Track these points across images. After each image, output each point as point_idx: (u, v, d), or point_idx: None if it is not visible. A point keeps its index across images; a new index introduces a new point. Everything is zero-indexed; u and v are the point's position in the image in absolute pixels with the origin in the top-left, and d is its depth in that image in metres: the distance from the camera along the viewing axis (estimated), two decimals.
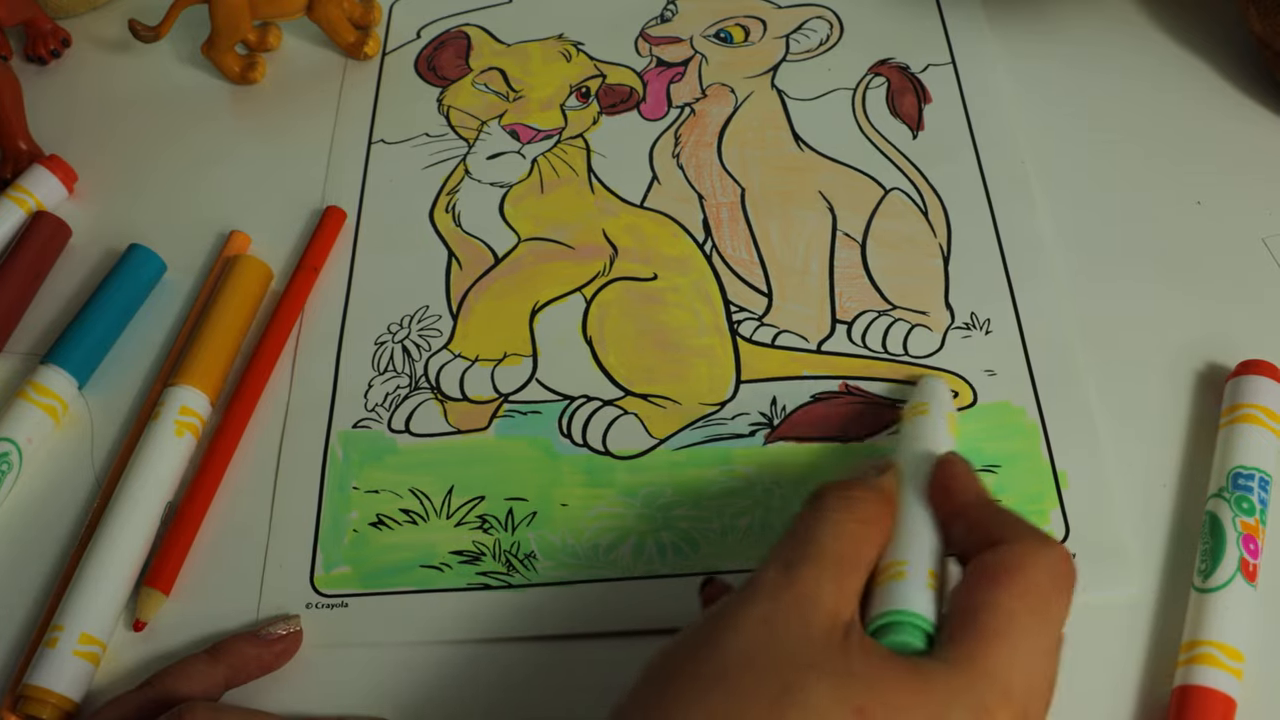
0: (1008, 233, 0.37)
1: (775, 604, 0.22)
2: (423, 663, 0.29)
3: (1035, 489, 0.31)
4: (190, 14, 0.42)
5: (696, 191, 0.39)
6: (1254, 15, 0.39)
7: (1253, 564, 0.28)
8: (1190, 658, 0.27)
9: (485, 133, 0.41)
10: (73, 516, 0.33)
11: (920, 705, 0.21)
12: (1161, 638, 0.28)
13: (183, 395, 0.34)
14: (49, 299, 0.38)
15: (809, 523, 0.24)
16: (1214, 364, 0.33)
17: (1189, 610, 0.28)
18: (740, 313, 0.36)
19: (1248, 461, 0.30)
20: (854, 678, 0.21)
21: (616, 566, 0.30)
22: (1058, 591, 0.23)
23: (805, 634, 0.22)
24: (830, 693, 0.21)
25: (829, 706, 0.21)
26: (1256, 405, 0.31)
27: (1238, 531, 0.29)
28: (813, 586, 0.23)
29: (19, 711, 0.28)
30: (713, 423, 0.33)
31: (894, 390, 0.33)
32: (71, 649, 0.29)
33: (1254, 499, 0.29)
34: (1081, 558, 0.30)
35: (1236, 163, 0.38)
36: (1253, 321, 0.34)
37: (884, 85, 0.41)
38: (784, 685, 0.21)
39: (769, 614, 0.22)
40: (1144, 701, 0.28)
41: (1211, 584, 0.28)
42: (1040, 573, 0.23)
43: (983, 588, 0.23)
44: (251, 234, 0.39)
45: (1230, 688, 0.27)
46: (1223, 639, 0.27)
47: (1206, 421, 0.32)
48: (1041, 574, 0.23)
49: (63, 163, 0.40)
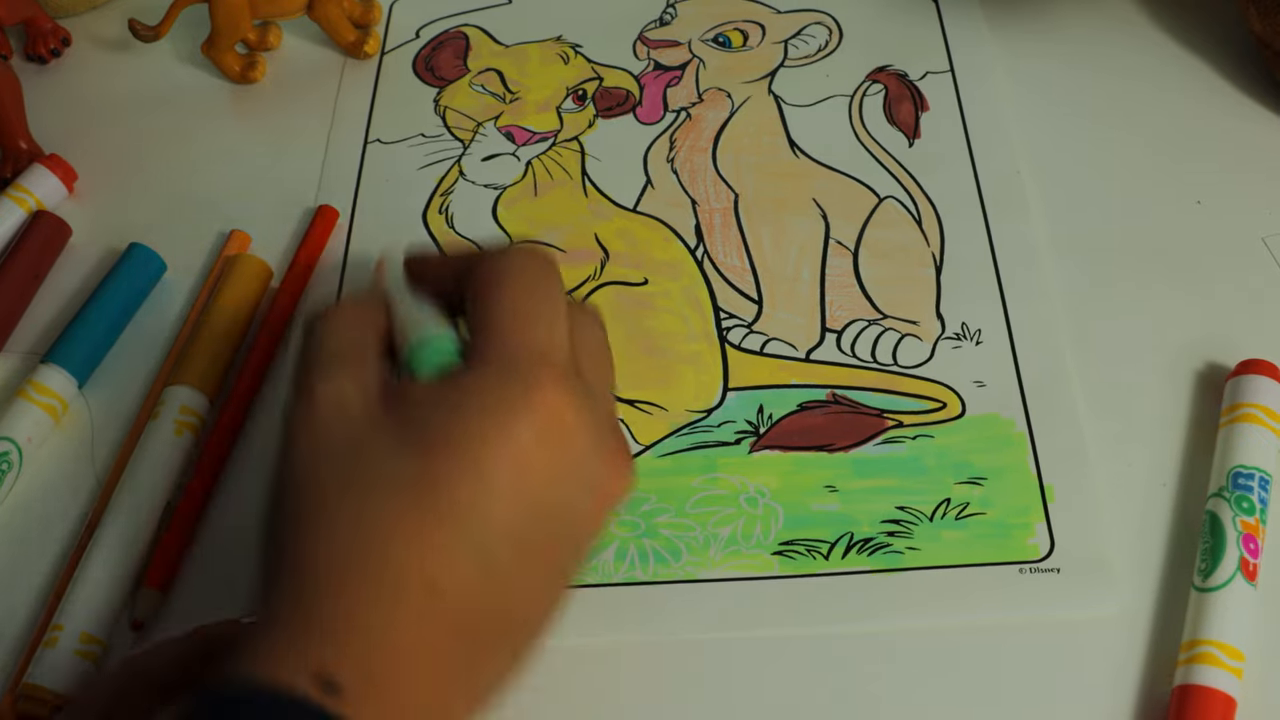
0: (1001, 243, 0.37)
1: (314, 427, 0.23)
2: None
3: (1021, 502, 0.31)
4: (190, 13, 0.43)
5: (690, 196, 0.39)
6: (1254, 15, 0.39)
7: (1253, 563, 0.28)
8: (1190, 657, 0.27)
9: (481, 134, 0.41)
10: (73, 516, 0.33)
11: (474, 410, 0.23)
12: (1161, 637, 0.28)
13: (182, 395, 0.34)
14: (49, 298, 0.38)
15: (305, 343, 0.26)
16: (1214, 364, 0.33)
17: (1189, 610, 0.29)
18: (730, 319, 0.36)
19: (1248, 461, 0.30)
20: (406, 425, 0.23)
21: (598, 573, 0.31)
22: (542, 272, 0.25)
23: (347, 428, 0.23)
24: (388, 452, 0.22)
25: (393, 464, 0.22)
26: (1256, 405, 0.31)
27: (1238, 531, 0.29)
28: (334, 389, 0.24)
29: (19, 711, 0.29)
30: (699, 429, 0.33)
31: (882, 400, 0.33)
32: (72, 648, 0.29)
33: (1254, 498, 0.29)
34: (1065, 572, 0.30)
35: (1236, 162, 0.38)
36: (1253, 321, 0.34)
37: (882, 92, 0.41)
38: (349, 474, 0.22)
39: (311, 439, 0.23)
40: (1144, 701, 0.28)
41: (1211, 583, 0.28)
42: (514, 262, 0.25)
43: (478, 299, 0.25)
44: (251, 233, 0.39)
45: (1230, 687, 0.27)
46: (1223, 638, 0.27)
47: (1206, 421, 0.32)
48: (516, 263, 0.25)
49: (63, 162, 0.40)
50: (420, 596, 0.22)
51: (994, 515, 0.31)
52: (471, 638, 0.23)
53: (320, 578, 0.22)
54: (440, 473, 0.22)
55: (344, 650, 0.21)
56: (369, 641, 0.21)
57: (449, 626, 0.22)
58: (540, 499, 0.23)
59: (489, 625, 0.23)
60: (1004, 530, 0.31)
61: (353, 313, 0.26)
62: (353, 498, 0.22)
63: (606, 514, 0.25)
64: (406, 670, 0.21)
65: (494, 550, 0.23)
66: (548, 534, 0.23)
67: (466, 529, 0.22)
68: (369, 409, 0.24)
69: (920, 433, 0.33)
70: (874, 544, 0.31)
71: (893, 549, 0.30)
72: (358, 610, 0.21)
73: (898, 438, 0.32)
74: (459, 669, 0.23)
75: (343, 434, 0.23)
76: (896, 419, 0.33)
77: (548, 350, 0.24)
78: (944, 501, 0.31)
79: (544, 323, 0.24)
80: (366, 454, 0.23)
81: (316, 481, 0.23)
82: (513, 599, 0.23)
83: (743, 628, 0.29)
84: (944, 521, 0.31)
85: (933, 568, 0.30)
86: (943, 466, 0.32)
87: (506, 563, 0.23)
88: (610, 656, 0.29)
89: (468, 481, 0.22)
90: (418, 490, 0.22)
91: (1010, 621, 0.29)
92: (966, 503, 0.31)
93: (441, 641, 0.22)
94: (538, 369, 0.23)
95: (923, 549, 0.30)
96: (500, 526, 0.23)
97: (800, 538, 0.31)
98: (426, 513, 0.22)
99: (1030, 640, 0.29)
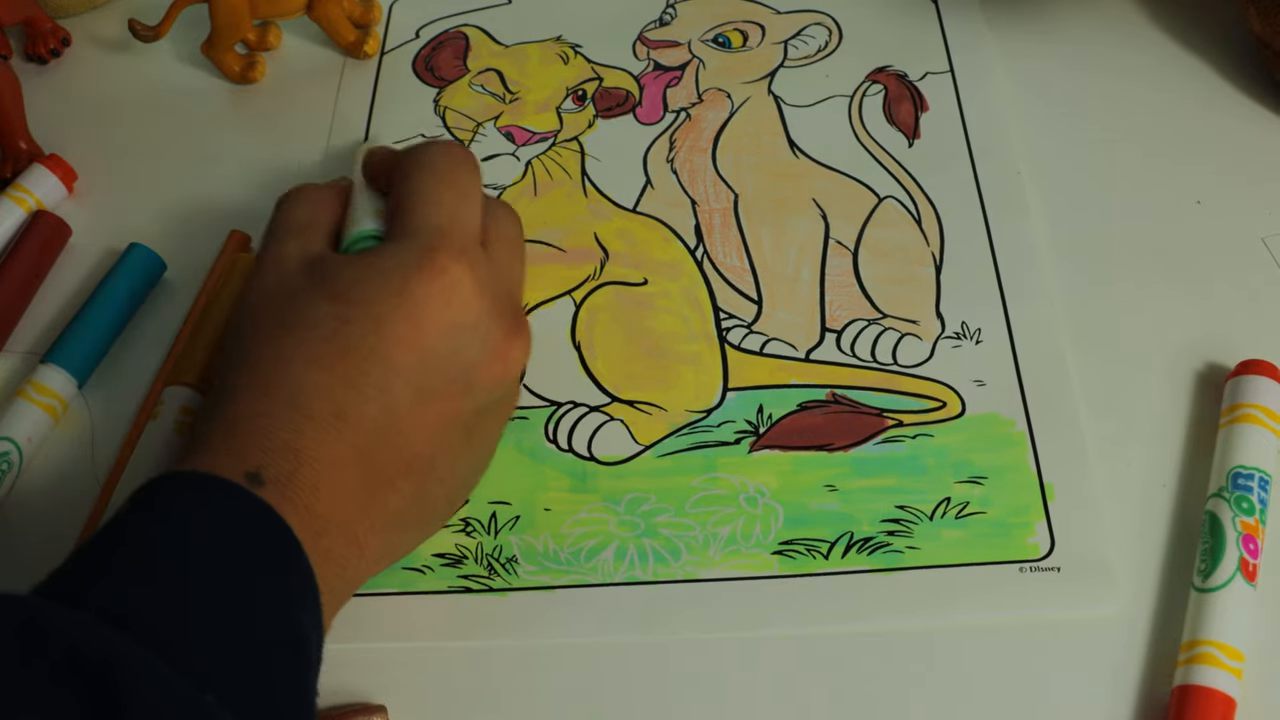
0: (1001, 243, 0.37)
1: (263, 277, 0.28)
2: (402, 665, 0.30)
3: (1022, 501, 0.31)
4: (190, 13, 0.43)
5: (689, 197, 0.39)
6: (1253, 15, 0.39)
7: (1252, 564, 0.28)
8: (1190, 657, 0.27)
9: (481, 134, 0.41)
10: (73, 516, 0.33)
11: (377, 272, 0.27)
12: (1161, 637, 0.28)
13: (182, 395, 0.34)
14: (49, 298, 0.38)
15: (275, 212, 0.30)
16: (1213, 364, 0.33)
17: (1189, 610, 0.29)
18: (729, 320, 0.36)
19: (1247, 461, 0.30)
20: (325, 282, 0.27)
21: (598, 572, 0.31)
22: (452, 162, 0.29)
23: (286, 280, 0.28)
24: (309, 301, 0.27)
25: (311, 310, 0.27)
26: (1256, 405, 0.31)
27: (1237, 531, 0.29)
28: (283, 249, 0.29)
29: None
30: (698, 430, 0.33)
31: (882, 400, 0.33)
32: None
33: (1254, 499, 0.29)
34: (1065, 572, 0.30)
35: (1236, 163, 0.38)
36: (1252, 321, 0.34)
37: (881, 93, 0.41)
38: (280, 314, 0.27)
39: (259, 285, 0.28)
40: (1144, 701, 0.28)
41: (1211, 584, 0.28)
42: (428, 154, 0.29)
43: (395, 186, 0.29)
44: (251, 233, 0.39)
45: (1230, 687, 0.27)
46: (1222, 639, 0.27)
47: (1206, 421, 0.32)
48: (430, 155, 0.29)
49: (63, 162, 0.40)
50: (329, 420, 0.26)
51: (994, 514, 0.31)
52: (373, 464, 0.26)
53: (251, 397, 0.26)
54: (347, 318, 0.26)
55: (266, 455, 0.25)
56: (286, 448, 0.25)
57: (352, 449, 0.26)
58: (433, 348, 0.26)
59: (389, 456, 0.26)
60: (1004, 529, 0.31)
61: (313, 194, 0.30)
62: (278, 332, 0.27)
63: (504, 371, 0.28)
64: (315, 478, 0.25)
65: (393, 389, 0.26)
66: (445, 381, 0.27)
67: (367, 367, 0.26)
68: (304, 268, 0.28)
69: (920, 432, 0.33)
70: (874, 543, 0.31)
71: (892, 548, 0.30)
72: (276, 424, 0.25)
73: (898, 437, 0.32)
74: (362, 491, 0.26)
75: (279, 284, 0.28)
76: (896, 418, 0.33)
77: (447, 226, 0.28)
78: (944, 501, 0.31)
79: (446, 205, 0.28)
80: (294, 300, 0.27)
81: (254, 322, 0.27)
82: (412, 437, 0.27)
83: (742, 628, 0.29)
84: (944, 521, 0.31)
85: (932, 567, 0.30)
86: (942, 466, 0.32)
87: (405, 402, 0.26)
88: (610, 656, 0.29)
89: (369, 329, 0.26)
90: (328, 330, 0.26)
91: (1010, 621, 0.29)
92: (966, 502, 0.31)
93: (347, 460, 0.26)
94: (435, 239, 0.27)
95: (922, 548, 0.30)
96: (398, 369, 0.26)
97: (800, 537, 0.31)
98: (335, 351, 0.26)
99: (1030, 640, 0.29)
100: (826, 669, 0.29)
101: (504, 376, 0.28)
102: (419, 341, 0.26)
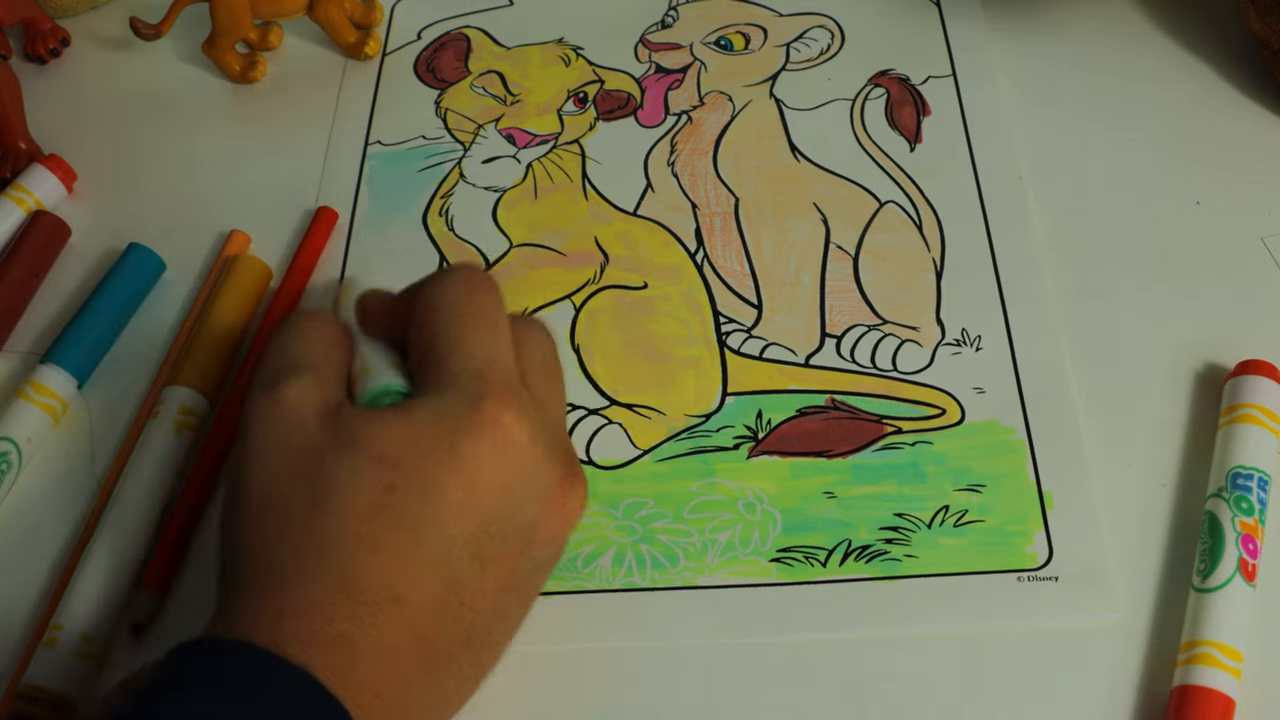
0: (1002, 249, 0.36)
1: (275, 426, 0.24)
2: None
3: (1020, 510, 0.31)
4: (191, 12, 0.42)
5: (690, 200, 0.39)
6: (1253, 15, 0.39)
7: (1252, 564, 0.28)
8: (1189, 658, 0.27)
9: (481, 136, 0.41)
10: (72, 516, 0.33)
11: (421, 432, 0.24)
12: (1160, 638, 0.28)
13: (182, 395, 0.34)
14: (48, 298, 0.38)
15: (274, 344, 0.26)
16: (1213, 364, 0.33)
17: (1188, 610, 0.29)
18: (729, 324, 0.36)
19: (1247, 461, 0.30)
20: (359, 440, 0.24)
21: (595, 578, 0.31)
22: (473, 292, 0.26)
23: (306, 433, 0.24)
24: (341, 461, 0.23)
25: (350, 473, 0.23)
26: (1256, 405, 0.31)
27: (1237, 531, 0.29)
28: (297, 392, 0.25)
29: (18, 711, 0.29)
30: (697, 434, 0.33)
31: (882, 406, 0.33)
32: (71, 648, 0.29)
33: (1253, 499, 0.29)
34: (1063, 581, 0.30)
35: (1236, 163, 0.38)
36: (1252, 321, 0.34)
37: (883, 96, 0.41)
38: (309, 479, 0.23)
39: (271, 436, 0.24)
40: (1143, 701, 0.28)
41: (1211, 584, 0.28)
42: (444, 289, 0.26)
43: (414, 334, 0.26)
44: (251, 233, 0.39)
45: (1229, 688, 0.27)
46: (1222, 639, 0.27)
47: (1205, 421, 0.32)
48: (449, 287, 0.26)
49: (62, 162, 0.40)
50: (387, 605, 0.23)
51: (993, 523, 0.31)
52: (433, 644, 0.24)
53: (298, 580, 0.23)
54: (393, 485, 0.23)
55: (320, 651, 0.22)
56: (342, 641, 0.22)
57: (410, 634, 0.23)
58: (492, 511, 0.24)
59: (450, 631, 0.24)
60: (1002, 538, 0.30)
61: (321, 328, 0.27)
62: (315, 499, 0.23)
63: (562, 527, 0.26)
64: (374, 673, 0.22)
65: (450, 561, 0.24)
66: (504, 544, 0.24)
67: (424, 541, 0.23)
68: (326, 421, 0.24)
69: (919, 439, 0.32)
70: (872, 551, 0.31)
71: (891, 556, 0.30)
72: (330, 614, 0.22)
73: (897, 444, 0.32)
74: (420, 674, 0.23)
75: (302, 440, 0.24)
76: (896, 425, 0.33)
77: (485, 368, 0.25)
78: (943, 508, 0.31)
79: (479, 342, 0.25)
80: (322, 460, 0.24)
81: (279, 482, 0.24)
82: (475, 610, 0.24)
83: (740, 634, 0.29)
84: (942, 528, 0.31)
85: (931, 575, 0.30)
86: (942, 473, 0.32)
87: (467, 575, 0.24)
88: (608, 663, 0.29)
89: (420, 497, 0.23)
90: (372, 500, 0.23)
91: (1008, 629, 0.29)
92: (965, 510, 0.31)
93: (404, 645, 0.23)
94: (478, 386, 0.24)
95: (921, 556, 0.30)
96: (455, 539, 0.24)
97: (798, 544, 0.31)
98: (385, 525, 0.23)
99: (1028, 643, 0.29)
100: (824, 677, 0.29)
101: (562, 533, 0.26)
102: (476, 506, 0.24)
